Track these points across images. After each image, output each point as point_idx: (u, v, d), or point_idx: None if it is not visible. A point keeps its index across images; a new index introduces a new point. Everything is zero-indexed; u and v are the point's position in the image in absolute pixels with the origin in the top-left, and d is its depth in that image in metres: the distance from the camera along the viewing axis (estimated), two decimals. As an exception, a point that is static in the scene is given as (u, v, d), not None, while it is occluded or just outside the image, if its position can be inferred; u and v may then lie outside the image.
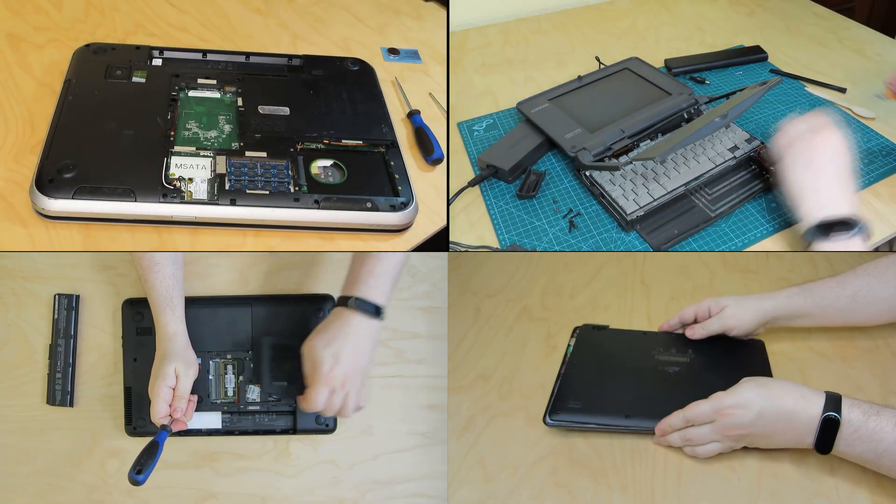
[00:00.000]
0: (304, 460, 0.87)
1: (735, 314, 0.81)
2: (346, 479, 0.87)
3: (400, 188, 0.87)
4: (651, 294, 0.98)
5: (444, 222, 0.89)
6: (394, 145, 0.93)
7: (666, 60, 1.26)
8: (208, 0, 1.20)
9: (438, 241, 0.88)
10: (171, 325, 0.80)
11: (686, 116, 1.02)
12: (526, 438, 0.74)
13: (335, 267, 0.90)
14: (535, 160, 1.04)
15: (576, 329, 0.88)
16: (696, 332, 0.83)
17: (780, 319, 0.81)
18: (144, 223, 0.80)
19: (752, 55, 1.26)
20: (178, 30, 1.12)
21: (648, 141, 0.99)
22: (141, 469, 0.74)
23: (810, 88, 1.16)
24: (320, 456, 0.87)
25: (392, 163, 0.91)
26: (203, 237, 0.81)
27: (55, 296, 0.87)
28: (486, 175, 1.01)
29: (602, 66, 1.18)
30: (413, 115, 1.03)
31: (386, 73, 1.12)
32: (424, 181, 0.94)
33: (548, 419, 0.74)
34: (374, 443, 0.88)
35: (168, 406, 0.78)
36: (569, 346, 0.85)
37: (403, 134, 1.01)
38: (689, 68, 1.24)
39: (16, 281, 0.89)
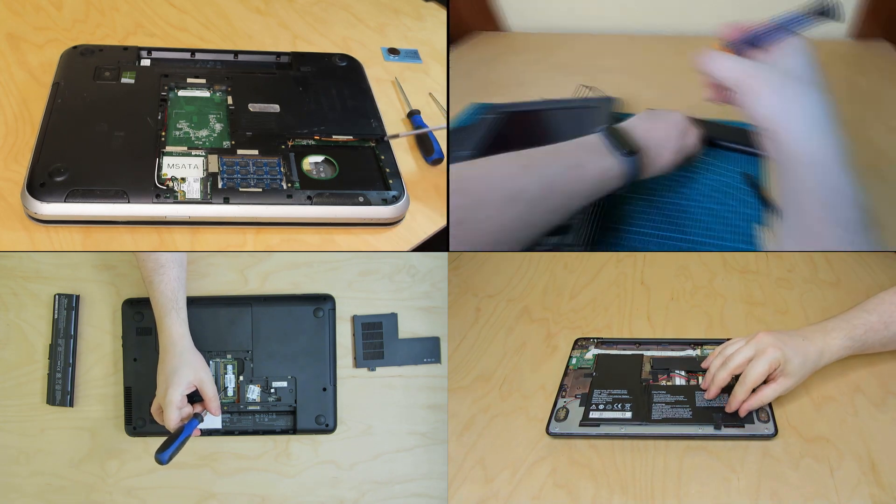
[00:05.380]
0: (304, 460, 0.87)
1: (785, 383, 0.73)
2: (346, 479, 0.87)
3: (391, 181, 0.88)
4: (651, 294, 0.98)
5: (444, 222, 0.89)
6: (383, 139, 0.94)
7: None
8: (208, 0, 1.20)
9: (438, 241, 0.88)
10: (177, 328, 0.80)
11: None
12: (526, 438, 0.74)
13: (335, 267, 0.90)
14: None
15: (577, 340, 0.88)
16: (752, 404, 0.73)
17: (822, 366, 0.77)
18: (139, 224, 0.80)
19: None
20: (178, 30, 1.12)
21: None
22: (164, 450, 0.75)
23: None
24: (320, 456, 0.87)
25: (382, 157, 0.91)
26: (203, 237, 0.81)
27: (55, 296, 0.87)
28: None
29: (584, 96, 1.16)
30: (413, 115, 1.03)
31: (386, 73, 1.12)
32: (424, 181, 0.94)
33: (550, 430, 0.74)
34: (374, 443, 0.88)
35: (180, 412, 0.78)
36: (571, 356, 0.85)
37: (403, 134, 1.01)
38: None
39: (16, 281, 0.89)
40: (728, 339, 0.78)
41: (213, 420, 0.83)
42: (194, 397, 0.81)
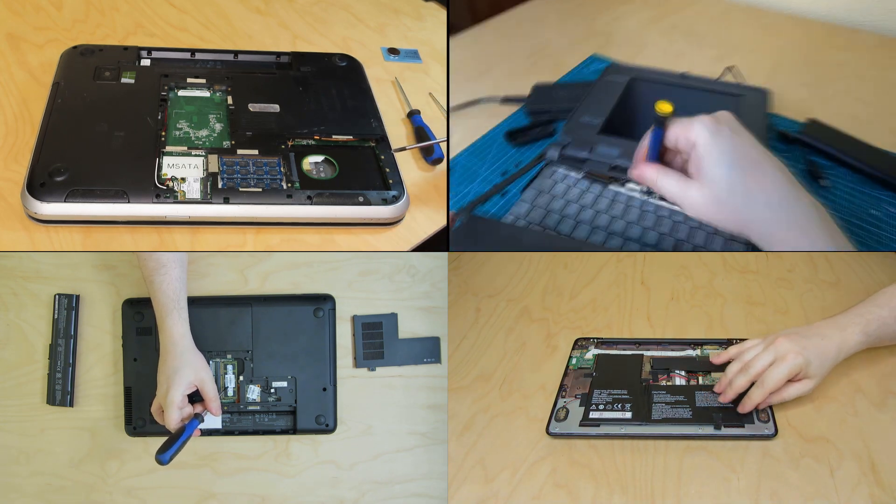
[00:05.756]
0: (304, 460, 0.87)
1: (809, 383, 0.73)
2: (346, 479, 0.87)
3: (391, 181, 0.88)
4: (651, 294, 0.98)
5: (444, 222, 0.89)
6: (383, 139, 0.94)
7: (809, 120, 1.00)
8: (208, 0, 1.20)
9: (438, 241, 0.88)
10: (178, 328, 0.80)
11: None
12: (526, 438, 0.74)
13: (335, 267, 0.90)
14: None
15: (577, 340, 0.88)
16: (773, 401, 0.73)
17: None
18: (139, 224, 0.80)
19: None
20: (178, 30, 1.12)
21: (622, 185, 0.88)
22: (164, 450, 0.75)
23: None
24: (320, 456, 0.87)
25: (382, 157, 0.91)
26: (203, 236, 0.81)
27: (55, 296, 0.87)
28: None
29: (725, 79, 1.03)
30: (413, 115, 1.03)
31: (386, 73, 1.12)
32: (424, 181, 0.94)
33: (551, 430, 0.74)
34: (374, 443, 0.88)
35: (181, 412, 0.78)
36: (571, 356, 0.85)
37: (403, 134, 1.01)
38: (821, 145, 0.97)
39: (16, 281, 0.89)
40: (744, 340, 0.78)
41: (213, 420, 0.83)
42: (194, 397, 0.81)
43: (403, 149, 0.95)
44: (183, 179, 0.82)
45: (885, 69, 1.21)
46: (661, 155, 0.69)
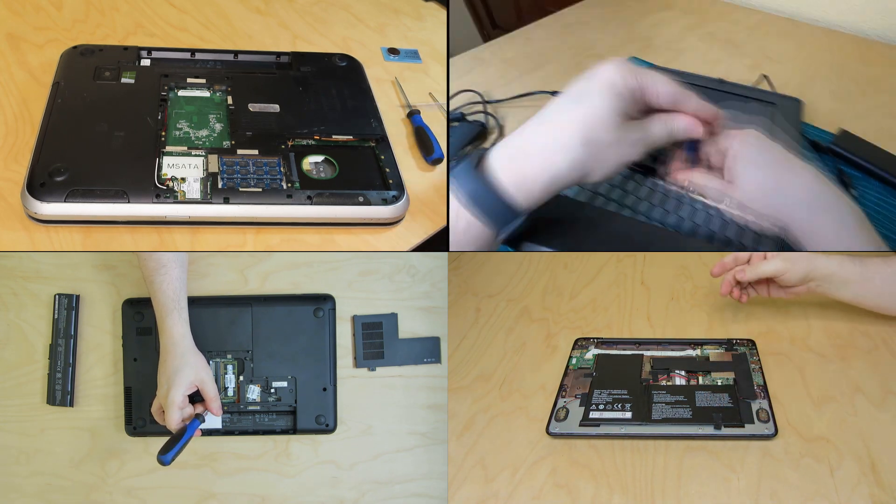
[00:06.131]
0: (304, 460, 0.87)
1: (788, 258, 0.80)
2: (346, 479, 0.87)
3: (391, 181, 0.88)
4: (651, 294, 0.98)
5: (445, 222, 0.89)
6: (383, 139, 0.94)
7: (840, 131, 1.00)
8: (208, 0, 1.20)
9: (438, 241, 0.88)
10: (178, 328, 0.80)
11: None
12: (526, 438, 0.74)
13: (335, 267, 0.90)
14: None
15: (577, 340, 0.88)
16: (746, 274, 0.82)
17: (826, 279, 0.81)
18: (139, 224, 0.80)
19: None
20: (178, 30, 1.12)
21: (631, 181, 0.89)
22: (166, 451, 0.75)
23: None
24: (320, 456, 0.87)
25: (382, 157, 0.91)
26: (203, 237, 0.81)
27: (55, 296, 0.87)
28: None
29: (762, 87, 1.04)
30: (413, 115, 1.03)
31: (386, 73, 1.12)
32: (425, 181, 0.94)
33: (551, 430, 0.74)
34: (374, 443, 0.88)
35: (181, 412, 0.78)
36: (571, 356, 0.85)
37: (403, 134, 1.01)
38: (851, 156, 0.97)
39: (16, 281, 0.89)
40: (745, 340, 0.80)
41: (214, 420, 0.83)
42: (195, 397, 0.81)
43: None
44: (183, 179, 0.82)
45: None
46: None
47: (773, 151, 0.67)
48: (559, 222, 0.77)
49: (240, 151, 0.88)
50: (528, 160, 0.61)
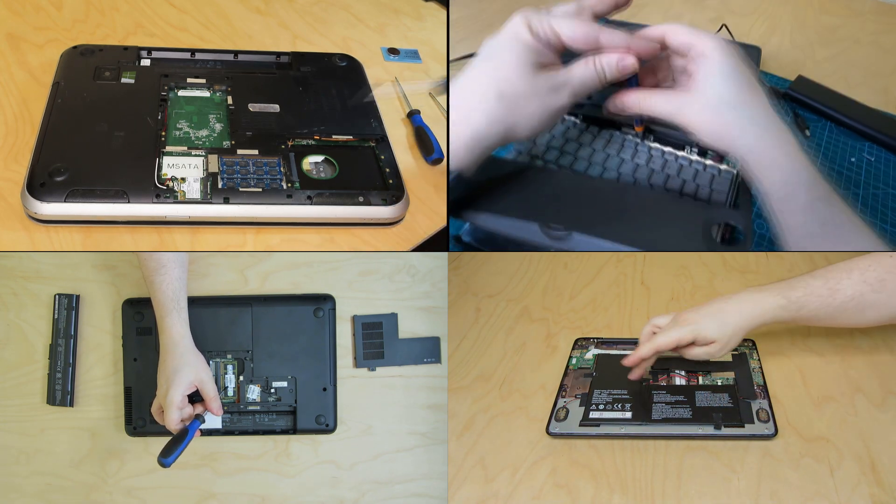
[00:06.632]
0: (304, 460, 0.87)
1: (717, 338, 0.75)
2: (346, 479, 0.87)
3: (391, 181, 0.88)
4: (651, 294, 0.98)
5: (444, 222, 0.89)
6: (383, 139, 0.94)
7: (798, 77, 1.04)
8: (208, 0, 1.20)
9: (438, 241, 0.88)
10: (177, 328, 0.80)
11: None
12: (526, 438, 0.74)
13: (335, 267, 0.90)
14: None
15: (577, 340, 0.88)
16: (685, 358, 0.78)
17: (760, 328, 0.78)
18: (139, 224, 0.80)
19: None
20: (178, 30, 1.12)
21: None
22: (167, 453, 0.75)
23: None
24: (320, 456, 0.87)
25: (382, 157, 0.91)
26: (203, 237, 0.81)
27: (55, 296, 0.87)
28: None
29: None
30: (413, 115, 1.03)
31: (386, 73, 1.12)
32: (424, 181, 0.94)
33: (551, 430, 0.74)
34: (374, 443, 0.88)
35: (181, 412, 0.78)
36: (571, 356, 0.85)
37: (403, 134, 1.01)
38: (807, 99, 1.01)
39: (16, 281, 0.89)
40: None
41: (214, 420, 0.83)
42: (195, 397, 0.81)
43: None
44: (183, 179, 0.82)
45: (878, 34, 1.24)
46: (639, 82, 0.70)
47: (742, 66, 0.65)
48: (499, 186, 0.76)
49: (240, 151, 0.88)
50: (452, 123, 0.62)
